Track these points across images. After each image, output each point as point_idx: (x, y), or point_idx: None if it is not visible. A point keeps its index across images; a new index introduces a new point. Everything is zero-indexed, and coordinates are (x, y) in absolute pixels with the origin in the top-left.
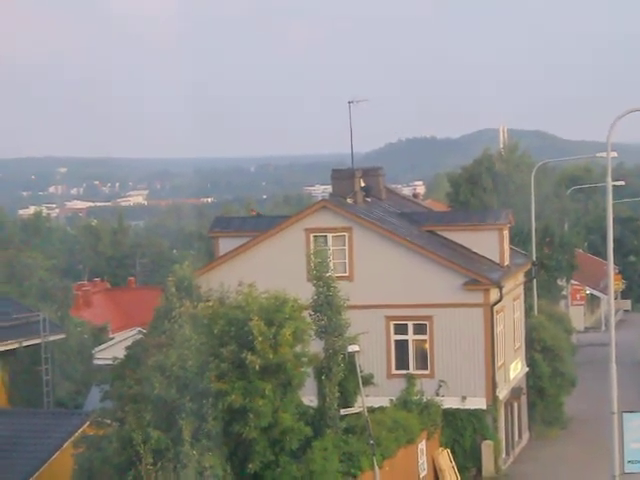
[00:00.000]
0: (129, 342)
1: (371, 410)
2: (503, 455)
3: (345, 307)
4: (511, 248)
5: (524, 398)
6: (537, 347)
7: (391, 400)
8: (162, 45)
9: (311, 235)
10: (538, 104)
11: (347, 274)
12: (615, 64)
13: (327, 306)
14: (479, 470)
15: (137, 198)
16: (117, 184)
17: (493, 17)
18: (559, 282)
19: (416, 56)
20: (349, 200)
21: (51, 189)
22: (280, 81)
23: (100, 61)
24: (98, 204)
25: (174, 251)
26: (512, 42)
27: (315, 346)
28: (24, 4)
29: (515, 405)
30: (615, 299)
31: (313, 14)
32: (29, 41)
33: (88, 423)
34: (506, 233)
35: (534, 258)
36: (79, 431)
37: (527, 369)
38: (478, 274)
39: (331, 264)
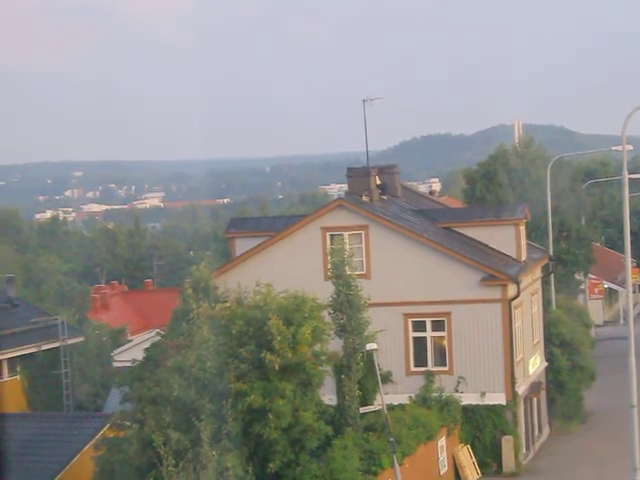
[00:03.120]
0: (147, 344)
1: (390, 408)
2: (523, 450)
3: (366, 306)
4: (528, 243)
5: (543, 393)
6: (556, 341)
7: (410, 397)
8: (175, 48)
9: (327, 234)
10: (552, 99)
11: (364, 272)
12: (630, 57)
13: (347, 305)
14: (499, 466)
15: (153, 200)
16: (133, 187)
17: (506, 12)
18: (577, 276)
19: (430, 53)
20: (365, 198)
21: (67, 193)
22: (294, 80)
23: (114, 65)
24: (114, 207)
25: (191, 253)
26: (525, 37)
27: (333, 345)
28: (39, 12)
29: (535, 400)
30: (633, 292)
31: (325, 13)
32: (44, 48)
33: (108, 425)
34: (523, 228)
35: (551, 253)
36: (99, 433)
37: (546, 364)
38: (495, 270)
39: (351, 262)
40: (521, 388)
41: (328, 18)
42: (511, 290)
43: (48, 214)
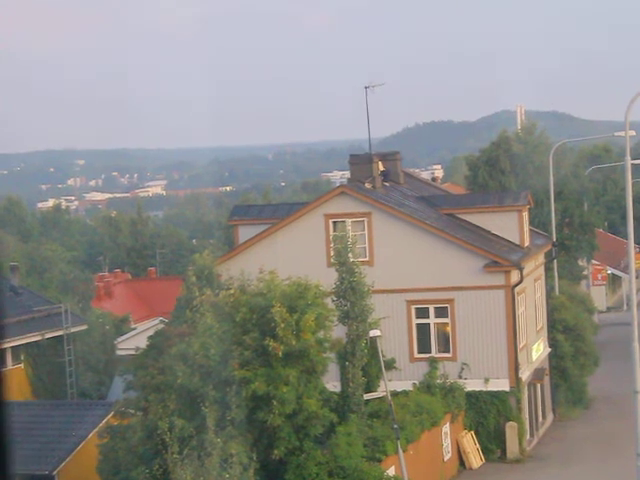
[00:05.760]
0: (151, 332)
1: (394, 394)
2: (527, 436)
3: (369, 292)
4: (531, 229)
5: (547, 379)
6: (559, 327)
7: (414, 384)
8: (177, 34)
9: (330, 221)
10: (555, 85)
11: (367, 259)
12: (633, 42)
13: (350, 291)
14: (503, 452)
15: (156, 189)
16: (135, 175)
17: None
18: (580, 262)
19: (432, 39)
20: (367, 185)
21: (70, 181)
22: (295, 68)
23: (117, 53)
24: (117, 195)
25: (194, 241)
26: (529, 23)
27: (336, 331)
28: (42, 2)
29: (538, 386)
30: (636, 278)
31: None
32: (46, 36)
33: (112, 413)
34: (525, 214)
35: (554, 239)
36: (103, 421)
37: (549, 350)
38: (498, 256)
39: (354, 249)
40: (525, 374)
41: (329, 4)
42: (514, 276)
43: (50, 202)
